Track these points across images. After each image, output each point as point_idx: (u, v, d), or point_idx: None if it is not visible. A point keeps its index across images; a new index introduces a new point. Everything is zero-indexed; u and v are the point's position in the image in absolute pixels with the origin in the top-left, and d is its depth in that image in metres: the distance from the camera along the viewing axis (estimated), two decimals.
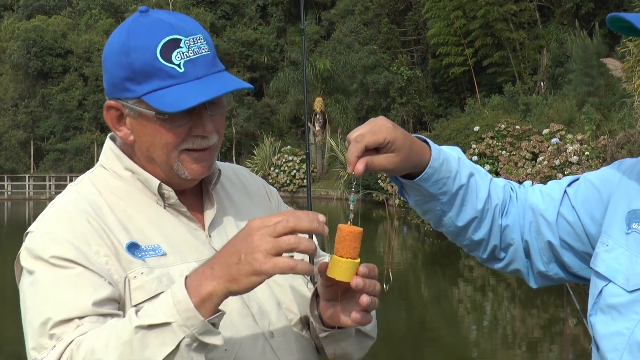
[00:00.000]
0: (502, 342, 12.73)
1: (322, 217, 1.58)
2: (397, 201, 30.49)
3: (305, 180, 47.17)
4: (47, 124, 73.70)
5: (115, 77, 1.85)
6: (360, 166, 1.70)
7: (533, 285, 2.05)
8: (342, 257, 1.70)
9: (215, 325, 1.61)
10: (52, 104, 72.83)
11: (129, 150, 1.97)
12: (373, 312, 2.07)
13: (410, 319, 14.71)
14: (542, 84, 44.58)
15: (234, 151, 64.32)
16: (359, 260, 1.72)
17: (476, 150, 29.29)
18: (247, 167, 49.88)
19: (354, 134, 1.73)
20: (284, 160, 49.46)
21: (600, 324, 1.75)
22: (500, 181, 2.03)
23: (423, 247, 25.32)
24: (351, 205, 1.77)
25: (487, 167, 28.81)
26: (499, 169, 27.78)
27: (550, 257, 1.97)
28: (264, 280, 1.58)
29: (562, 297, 13.42)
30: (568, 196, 1.95)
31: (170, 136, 1.84)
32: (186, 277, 1.62)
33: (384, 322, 12.55)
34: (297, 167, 49.05)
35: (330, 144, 49.13)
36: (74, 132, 71.77)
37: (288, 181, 48.07)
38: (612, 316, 1.72)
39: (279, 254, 1.55)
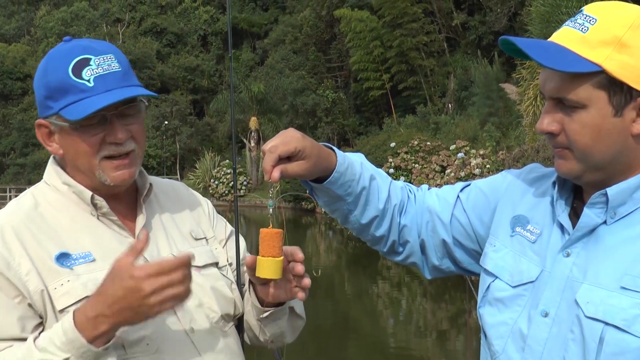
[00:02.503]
0: (416, 332, 12.81)
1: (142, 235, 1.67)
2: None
3: (241, 191, 47.17)
4: (7, 140, 72.14)
5: (39, 97, 1.87)
6: (275, 174, 1.70)
7: (428, 276, 2.08)
8: (265, 256, 1.71)
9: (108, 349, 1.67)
10: (12, 123, 71.20)
11: (65, 164, 1.97)
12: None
13: (336, 313, 14.68)
14: (449, 105, 45.13)
15: (178, 165, 63.74)
16: (282, 258, 1.73)
17: (392, 164, 29.54)
18: (190, 179, 49.60)
19: (268, 145, 1.72)
20: (222, 173, 49.04)
21: (488, 315, 1.78)
22: (399, 183, 2.05)
23: (346, 249, 25.34)
24: (270, 209, 1.79)
25: (402, 178, 29.09)
26: (412, 180, 28.04)
27: (443, 253, 2.00)
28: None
29: (466, 292, 13.61)
30: (460, 200, 1.97)
31: (87, 145, 1.84)
32: (75, 312, 1.66)
33: (313, 316, 12.49)
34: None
35: None
36: (32, 148, 70.11)
37: (226, 191, 47.63)
38: (498, 308, 1.75)
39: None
